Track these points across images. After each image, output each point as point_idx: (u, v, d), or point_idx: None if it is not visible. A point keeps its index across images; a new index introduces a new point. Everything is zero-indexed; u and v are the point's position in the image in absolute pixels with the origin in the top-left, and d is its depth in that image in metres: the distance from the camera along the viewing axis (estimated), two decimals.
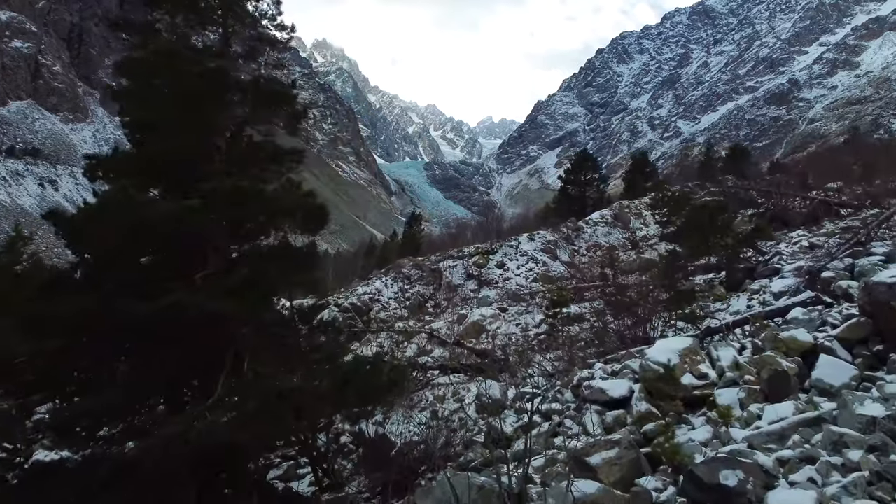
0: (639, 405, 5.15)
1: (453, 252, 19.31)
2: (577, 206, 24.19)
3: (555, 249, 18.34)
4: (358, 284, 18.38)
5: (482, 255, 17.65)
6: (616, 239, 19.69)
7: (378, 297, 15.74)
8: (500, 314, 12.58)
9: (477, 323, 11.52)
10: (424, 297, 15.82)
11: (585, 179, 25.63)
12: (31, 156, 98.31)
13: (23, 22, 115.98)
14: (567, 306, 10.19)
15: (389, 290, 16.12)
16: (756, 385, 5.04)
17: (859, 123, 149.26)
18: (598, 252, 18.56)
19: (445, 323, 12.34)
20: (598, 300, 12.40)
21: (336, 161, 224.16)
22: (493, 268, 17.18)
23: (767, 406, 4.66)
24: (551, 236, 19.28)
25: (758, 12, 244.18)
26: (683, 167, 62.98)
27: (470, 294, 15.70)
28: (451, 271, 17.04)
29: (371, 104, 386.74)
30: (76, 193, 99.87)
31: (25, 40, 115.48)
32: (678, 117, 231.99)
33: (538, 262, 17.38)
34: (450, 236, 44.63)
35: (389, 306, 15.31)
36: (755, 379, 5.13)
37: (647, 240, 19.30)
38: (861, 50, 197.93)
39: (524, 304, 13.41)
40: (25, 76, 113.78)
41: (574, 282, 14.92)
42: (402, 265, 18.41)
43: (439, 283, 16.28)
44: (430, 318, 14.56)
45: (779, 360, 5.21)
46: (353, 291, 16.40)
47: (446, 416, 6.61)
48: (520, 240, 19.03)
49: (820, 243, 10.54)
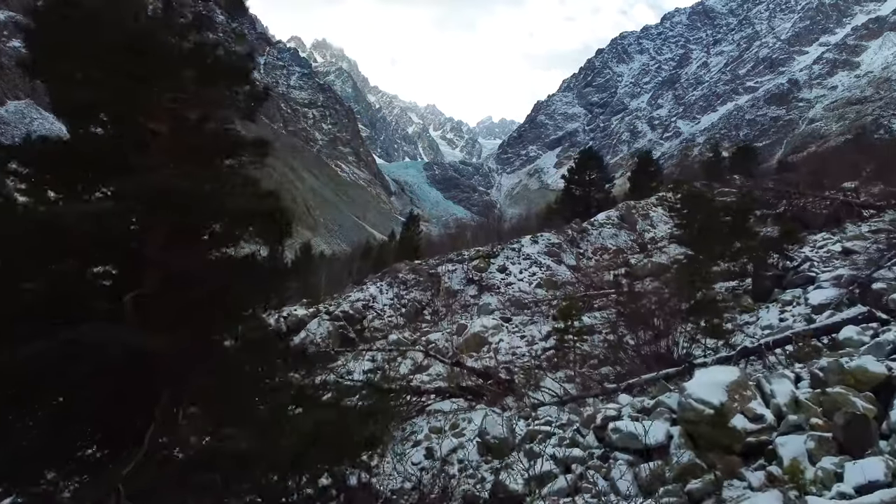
0: (680, 455, 4.16)
1: (452, 255, 18.42)
2: (581, 207, 23.19)
3: (559, 252, 17.54)
4: (351, 290, 17.50)
5: (483, 259, 16.82)
6: (623, 241, 18.93)
7: (372, 303, 14.80)
8: (503, 325, 11.61)
9: (478, 335, 10.58)
10: (422, 304, 14.98)
11: (590, 179, 24.56)
12: None
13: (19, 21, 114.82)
14: (577, 318, 9.21)
15: (384, 296, 15.22)
16: (826, 431, 4.06)
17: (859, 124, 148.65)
18: (605, 255, 17.69)
19: (443, 334, 11.36)
20: (610, 308, 11.45)
21: (335, 161, 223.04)
22: (494, 272, 16.34)
23: (847, 463, 3.67)
24: (556, 238, 18.44)
25: (757, 12, 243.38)
26: (684, 167, 62.02)
27: (470, 300, 14.82)
28: (450, 276, 16.15)
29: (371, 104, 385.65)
30: None
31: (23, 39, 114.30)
32: (678, 117, 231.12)
33: (542, 266, 16.50)
34: (449, 237, 43.44)
35: (384, 314, 14.42)
36: (823, 423, 4.15)
37: (655, 242, 18.42)
38: (861, 50, 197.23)
39: (529, 312, 12.49)
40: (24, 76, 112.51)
41: (582, 288, 14.06)
42: (398, 269, 17.51)
43: (437, 289, 15.42)
44: (427, 326, 13.63)
45: (852, 399, 4.23)
46: (346, 298, 15.51)
47: (444, 455, 5.61)
48: (522, 242, 18.09)
49: (857, 248, 9.55)
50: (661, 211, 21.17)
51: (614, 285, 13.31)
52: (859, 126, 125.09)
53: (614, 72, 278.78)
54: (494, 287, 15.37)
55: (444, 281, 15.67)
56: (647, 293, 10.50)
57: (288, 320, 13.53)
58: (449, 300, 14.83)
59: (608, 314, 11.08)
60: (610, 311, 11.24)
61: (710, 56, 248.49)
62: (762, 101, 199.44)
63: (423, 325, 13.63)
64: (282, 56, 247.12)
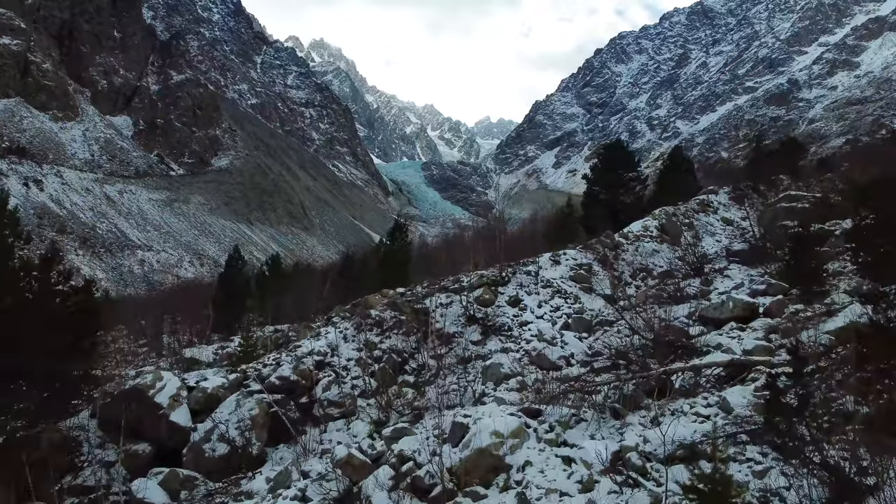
0: None
1: (447, 281, 13.65)
2: (607, 213, 19.43)
3: (589, 277, 13.65)
4: (308, 334, 12.62)
5: (488, 287, 12.56)
6: (667, 259, 15.07)
7: (330, 358, 10.21)
8: (528, 427, 6.38)
9: (486, 451, 5.82)
10: (403, 356, 10.57)
11: (623, 179, 20.18)
12: (16, 155, 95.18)
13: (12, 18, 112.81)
14: (722, 465, 4.13)
15: (349, 344, 10.74)
16: None
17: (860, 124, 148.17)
18: (649, 279, 13.79)
19: (427, 441, 6.45)
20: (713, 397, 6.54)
21: (333, 161, 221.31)
22: (503, 304, 12.16)
23: None
24: (582, 257, 14.55)
25: (756, 12, 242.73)
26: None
27: (471, 348, 10.65)
28: (444, 311, 11.76)
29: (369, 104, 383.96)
30: (62, 194, 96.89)
31: (14, 37, 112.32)
32: (677, 117, 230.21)
33: (568, 297, 12.68)
34: (445, 244, 39.63)
35: (346, 376, 9.80)
36: None
37: (707, 260, 14.32)
38: (861, 50, 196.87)
39: (570, 401, 7.20)
40: (14, 74, 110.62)
41: (634, 339, 8.81)
42: (371, 305, 12.95)
43: (426, 332, 10.90)
44: (411, 394, 9.21)
45: None
46: (291, 350, 10.80)
47: None
48: (539, 262, 13.97)
49: None
50: (708, 219, 18.04)
51: (682, 333, 8.85)
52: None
53: (613, 72, 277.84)
54: (504, 329, 11.17)
55: (435, 320, 11.33)
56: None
57: (192, 397, 8.82)
58: (441, 349, 10.53)
59: (720, 416, 6.05)
60: (721, 413, 6.12)
61: (709, 56, 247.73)
62: (762, 101, 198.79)
63: (405, 394, 9.28)
64: (279, 55, 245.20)
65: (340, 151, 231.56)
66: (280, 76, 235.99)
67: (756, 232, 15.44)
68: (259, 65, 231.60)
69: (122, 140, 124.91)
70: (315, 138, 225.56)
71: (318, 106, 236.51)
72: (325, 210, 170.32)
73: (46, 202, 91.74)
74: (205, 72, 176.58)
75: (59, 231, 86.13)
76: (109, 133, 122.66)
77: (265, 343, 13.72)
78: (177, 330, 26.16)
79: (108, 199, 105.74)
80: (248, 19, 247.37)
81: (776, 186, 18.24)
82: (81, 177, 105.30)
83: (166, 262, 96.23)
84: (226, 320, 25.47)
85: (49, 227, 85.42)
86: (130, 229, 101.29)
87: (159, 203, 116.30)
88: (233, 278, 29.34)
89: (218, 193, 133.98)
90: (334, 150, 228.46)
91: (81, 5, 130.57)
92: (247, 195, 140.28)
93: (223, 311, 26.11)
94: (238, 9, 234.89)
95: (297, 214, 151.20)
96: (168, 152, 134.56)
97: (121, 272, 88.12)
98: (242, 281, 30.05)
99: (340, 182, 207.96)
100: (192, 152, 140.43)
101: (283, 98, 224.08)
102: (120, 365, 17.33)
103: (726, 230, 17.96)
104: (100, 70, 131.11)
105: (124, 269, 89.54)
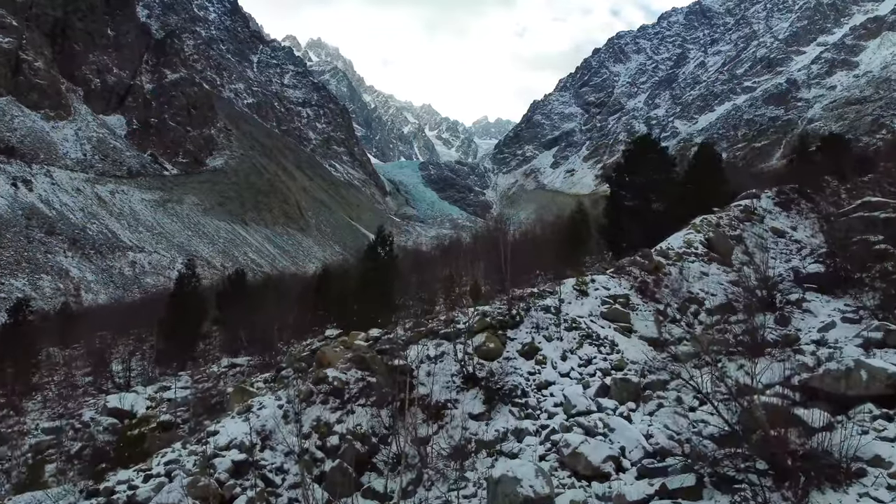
0: None
1: (437, 323, 10.18)
2: (635, 223, 15.75)
3: (628, 314, 10.25)
4: (237, 404, 9.28)
5: (492, 332, 9.24)
6: (718, 284, 11.57)
7: (260, 453, 6.96)
8: None
9: None
10: (371, 442, 7.38)
11: (655, 180, 16.42)
12: (5, 154, 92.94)
13: (3, 16, 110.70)
14: None
15: (290, 427, 7.31)
16: None
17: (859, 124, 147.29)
18: (702, 315, 10.54)
19: None
20: None
21: (329, 161, 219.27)
22: (514, 355, 8.86)
23: None
24: (616, 285, 11.24)
25: (755, 12, 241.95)
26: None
27: (470, 427, 7.42)
28: (432, 368, 8.40)
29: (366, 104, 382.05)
30: (52, 194, 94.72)
31: (6, 35, 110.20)
32: (675, 117, 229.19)
33: (602, 344, 9.33)
34: (440, 251, 35.15)
35: (281, 485, 6.66)
36: None
37: (772, 284, 10.46)
38: (860, 50, 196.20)
39: None
40: (5, 72, 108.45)
41: (714, 429, 6.12)
42: (329, 361, 9.43)
43: (404, 401, 7.45)
44: None
45: None
46: (202, 439, 7.55)
47: None
48: (561, 293, 10.54)
49: None
50: (757, 230, 14.66)
51: (799, 427, 5.52)
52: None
53: (611, 71, 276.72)
54: (517, 394, 7.92)
55: (420, 382, 8.03)
56: None
57: None
58: (427, 427, 7.47)
59: None
60: None
61: (707, 56, 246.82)
62: (760, 100, 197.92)
63: None
64: (276, 55, 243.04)
65: (337, 151, 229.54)
66: (277, 75, 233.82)
67: (828, 249, 12.02)
68: (255, 64, 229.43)
69: (115, 139, 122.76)
70: (312, 138, 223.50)
71: (315, 105, 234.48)
72: (322, 210, 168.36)
73: (35, 203, 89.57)
74: (200, 71, 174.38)
75: (48, 232, 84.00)
76: (102, 132, 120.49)
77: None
78: (127, 357, 23.74)
79: (99, 199, 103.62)
80: (245, 18, 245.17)
81: (822, 190, 16.18)
82: (72, 177, 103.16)
83: (158, 264, 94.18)
84: (177, 348, 22.29)
85: (38, 229, 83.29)
86: (122, 230, 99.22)
87: (152, 203, 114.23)
88: (185, 300, 24.56)
89: (212, 193, 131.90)
90: (331, 150, 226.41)
91: (74, 3, 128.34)
92: (242, 195, 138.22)
93: (172, 338, 22.58)
94: (234, 8, 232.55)
95: (293, 215, 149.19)
96: (162, 152, 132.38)
97: (111, 274, 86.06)
98: (196, 302, 25.35)
99: (337, 182, 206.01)
100: (186, 152, 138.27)
101: (279, 97, 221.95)
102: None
103: (778, 244, 14.73)
104: (93, 68, 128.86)
105: (114, 271, 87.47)
